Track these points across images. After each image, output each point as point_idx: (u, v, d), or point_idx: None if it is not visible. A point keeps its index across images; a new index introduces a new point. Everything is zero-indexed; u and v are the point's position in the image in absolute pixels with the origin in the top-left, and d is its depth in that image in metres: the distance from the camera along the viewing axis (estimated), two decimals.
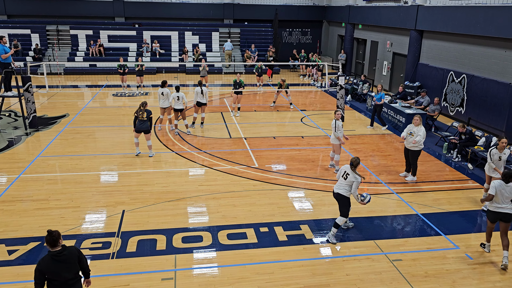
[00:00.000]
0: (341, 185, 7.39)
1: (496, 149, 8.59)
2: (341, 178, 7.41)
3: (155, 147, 12.16)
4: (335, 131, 10.27)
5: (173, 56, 26.18)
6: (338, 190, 7.41)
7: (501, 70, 13.85)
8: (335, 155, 10.62)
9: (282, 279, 6.40)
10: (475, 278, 6.57)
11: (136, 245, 7.25)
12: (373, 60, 23.32)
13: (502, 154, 8.57)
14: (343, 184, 7.37)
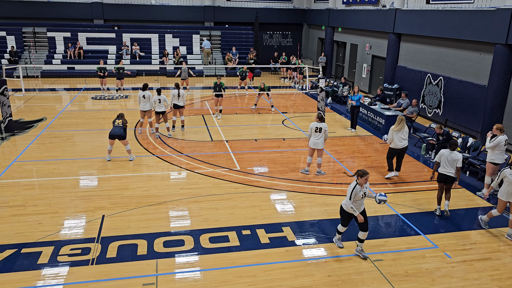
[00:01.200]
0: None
1: (510, 169, 7.81)
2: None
3: (136, 150, 12.02)
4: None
5: (154, 59, 25.97)
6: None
7: (476, 72, 14.19)
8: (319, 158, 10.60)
9: (265, 282, 6.40)
10: (453, 276, 6.69)
11: (117, 250, 7.14)
12: (352, 62, 23.61)
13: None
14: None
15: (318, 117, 10.33)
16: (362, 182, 6.78)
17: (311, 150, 10.43)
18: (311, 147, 10.36)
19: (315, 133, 10.23)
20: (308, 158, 10.60)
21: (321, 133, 10.20)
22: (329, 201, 9.22)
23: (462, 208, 9.13)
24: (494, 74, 13.04)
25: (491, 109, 13.18)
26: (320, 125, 10.21)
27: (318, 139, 10.23)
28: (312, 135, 10.27)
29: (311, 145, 10.31)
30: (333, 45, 25.91)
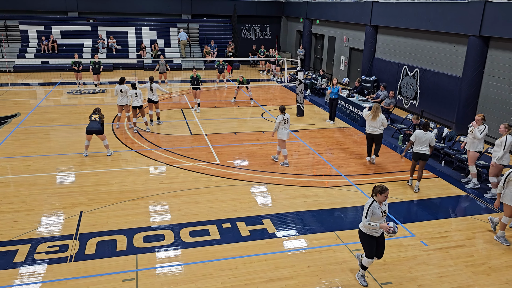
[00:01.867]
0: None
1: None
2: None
3: (113, 145, 11.85)
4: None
5: (130, 52, 25.57)
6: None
7: (451, 64, 14.48)
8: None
9: (245, 274, 6.43)
10: (430, 263, 6.86)
11: (95, 246, 7.06)
12: (331, 55, 23.76)
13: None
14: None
15: (281, 109, 10.47)
16: (381, 200, 5.92)
17: (283, 141, 10.53)
18: (283, 139, 10.46)
19: (284, 124, 10.39)
20: (284, 150, 10.66)
21: (288, 124, 10.41)
22: (309, 192, 9.30)
23: (438, 197, 9.34)
24: (468, 65, 13.32)
25: (465, 100, 13.48)
26: (286, 116, 10.39)
27: (288, 129, 10.43)
28: (281, 127, 10.37)
29: (284, 137, 10.42)
30: (311, 38, 26.00)
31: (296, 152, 11.87)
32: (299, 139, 13.02)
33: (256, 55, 25.87)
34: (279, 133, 10.44)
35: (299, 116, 15.63)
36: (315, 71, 24.25)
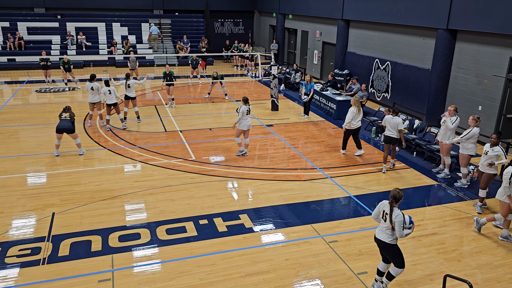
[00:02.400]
0: (382, 229, 5.75)
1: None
2: (381, 220, 5.78)
3: (86, 144, 11.60)
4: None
5: (101, 49, 25.01)
6: (379, 236, 5.79)
7: (421, 56, 14.80)
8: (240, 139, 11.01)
9: (224, 270, 6.44)
10: (404, 252, 6.98)
11: (69, 248, 6.91)
12: (304, 49, 23.89)
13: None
14: (384, 228, 5.71)
15: (244, 100, 10.63)
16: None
17: (241, 131, 10.74)
18: (243, 129, 10.66)
19: (246, 115, 10.56)
20: (238, 139, 10.90)
21: (249, 115, 10.69)
22: (285, 186, 9.36)
23: (410, 187, 9.57)
24: (437, 58, 13.65)
25: (435, 91, 13.82)
26: (249, 108, 10.64)
27: (249, 120, 10.66)
28: (244, 118, 10.53)
29: (244, 127, 10.61)
30: (284, 32, 26.07)
31: (272, 146, 11.92)
32: (274, 133, 13.07)
33: (229, 50, 25.75)
34: (241, 124, 10.60)
35: (273, 110, 15.68)
36: (289, 65, 24.35)
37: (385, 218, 5.64)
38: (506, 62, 11.54)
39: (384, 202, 5.78)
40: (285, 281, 6.22)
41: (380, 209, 5.77)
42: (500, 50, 11.71)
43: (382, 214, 5.70)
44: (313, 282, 6.20)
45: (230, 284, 6.12)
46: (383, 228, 5.69)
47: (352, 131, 11.04)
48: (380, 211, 5.76)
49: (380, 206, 5.79)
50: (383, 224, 5.69)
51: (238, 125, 10.58)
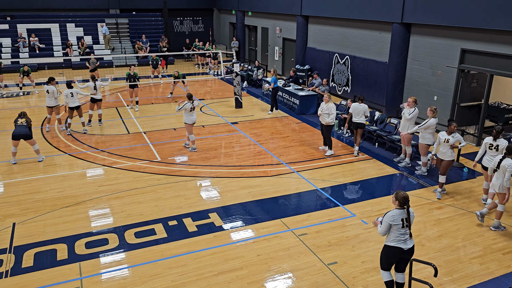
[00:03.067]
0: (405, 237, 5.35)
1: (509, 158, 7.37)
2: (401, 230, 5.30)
3: (45, 150, 11.19)
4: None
5: (56, 51, 24.12)
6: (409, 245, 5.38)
7: (378, 50, 15.23)
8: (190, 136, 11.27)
9: (195, 269, 6.40)
10: (371, 240, 7.24)
11: (33, 258, 6.66)
12: (265, 46, 24.01)
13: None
14: (406, 235, 5.35)
15: (188, 97, 10.90)
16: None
17: (191, 126, 11.07)
18: (189, 123, 10.98)
19: (190, 111, 10.87)
20: (191, 136, 11.18)
21: (194, 111, 11.03)
22: (253, 183, 9.41)
23: (374, 177, 9.86)
24: (393, 51, 14.09)
25: (392, 84, 14.27)
26: (195, 104, 11.03)
27: (193, 115, 11.00)
28: (188, 114, 10.87)
29: (189, 121, 10.94)
30: (244, 30, 26.09)
31: (237, 144, 11.94)
32: (240, 130, 13.09)
33: (190, 49, 25.50)
34: (186, 118, 10.92)
35: (237, 108, 15.69)
36: (251, 62, 24.40)
37: (407, 224, 5.29)
38: (458, 53, 12.07)
39: (392, 215, 5.28)
40: (258, 276, 6.27)
41: (394, 221, 5.25)
42: (452, 42, 12.24)
43: (402, 224, 5.25)
44: (285, 276, 6.28)
45: (203, 283, 6.10)
46: (405, 235, 5.31)
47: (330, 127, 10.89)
48: (396, 222, 5.24)
49: (392, 218, 5.25)
50: (403, 231, 5.28)
51: (185, 120, 10.95)
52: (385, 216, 5.33)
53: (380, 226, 5.40)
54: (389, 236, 5.37)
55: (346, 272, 6.37)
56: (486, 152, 8.32)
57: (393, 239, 5.32)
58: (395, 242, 5.31)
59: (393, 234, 5.31)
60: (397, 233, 5.28)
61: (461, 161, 10.71)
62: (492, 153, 8.14)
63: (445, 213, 8.20)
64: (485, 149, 8.31)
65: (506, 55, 10.77)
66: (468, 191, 9.17)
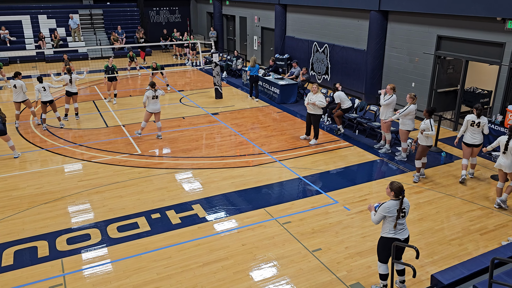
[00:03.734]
0: (403, 226, 5.39)
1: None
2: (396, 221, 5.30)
3: (20, 146, 10.90)
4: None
5: (28, 44, 23.41)
6: (406, 234, 5.44)
7: (356, 38, 15.31)
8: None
9: (180, 261, 6.38)
10: (354, 226, 7.34)
11: (13, 257, 6.51)
12: (243, 35, 23.85)
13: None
14: (404, 224, 5.41)
15: (151, 85, 10.98)
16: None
17: (149, 115, 11.24)
18: (150, 112, 11.16)
19: (153, 99, 11.02)
20: (143, 123, 11.35)
21: (158, 99, 11.15)
22: (235, 173, 9.39)
23: (355, 164, 9.97)
24: (371, 39, 14.19)
25: (371, 71, 14.40)
26: (158, 93, 11.06)
27: (157, 104, 11.13)
28: (151, 103, 11.05)
29: (151, 110, 11.13)
30: (222, 19, 25.83)
31: (219, 134, 11.88)
32: (220, 121, 13.02)
33: (168, 40, 25.13)
34: (149, 107, 11.07)
35: (217, 98, 15.59)
36: (230, 52, 24.23)
37: (403, 214, 5.30)
38: (434, 40, 12.24)
39: (388, 206, 5.26)
40: (243, 265, 6.29)
41: (389, 213, 5.25)
42: (428, 28, 12.39)
43: (398, 215, 5.24)
44: (270, 264, 6.32)
45: (189, 275, 6.09)
46: (401, 226, 5.33)
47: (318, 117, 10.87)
48: (391, 214, 5.25)
49: (387, 210, 5.26)
50: (399, 221, 5.28)
51: (146, 108, 11.09)
52: (380, 207, 5.34)
53: (374, 215, 5.40)
54: (385, 228, 5.38)
55: (330, 258, 6.45)
56: (467, 129, 8.73)
57: (389, 231, 5.33)
58: (391, 233, 5.33)
59: (388, 225, 5.32)
60: (392, 224, 5.28)
61: (439, 146, 10.93)
62: (473, 130, 8.65)
63: (425, 197, 8.37)
64: (467, 126, 8.71)
65: (481, 41, 10.98)
66: (446, 174, 9.37)
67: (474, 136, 8.66)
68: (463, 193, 8.52)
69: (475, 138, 8.68)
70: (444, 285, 5.40)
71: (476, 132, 8.65)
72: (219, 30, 25.75)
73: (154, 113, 11.21)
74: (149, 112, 11.15)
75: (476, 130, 8.64)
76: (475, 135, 8.66)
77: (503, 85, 10.61)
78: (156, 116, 11.31)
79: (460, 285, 5.45)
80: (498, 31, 10.50)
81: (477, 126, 8.61)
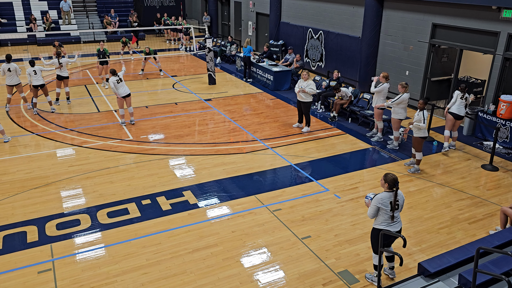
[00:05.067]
0: (396, 219, 5.40)
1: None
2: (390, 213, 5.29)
3: (10, 130, 10.80)
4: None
5: (19, 26, 23.02)
6: (399, 227, 5.43)
7: (351, 25, 15.20)
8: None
9: (170, 248, 6.39)
10: (344, 214, 7.38)
11: (2, 241, 6.49)
12: (238, 21, 23.60)
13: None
14: (398, 218, 5.45)
15: (112, 72, 10.93)
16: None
17: (121, 100, 11.06)
18: (121, 98, 10.98)
19: (118, 84, 10.85)
20: (121, 110, 11.21)
21: (123, 82, 10.96)
22: (227, 160, 9.38)
23: (347, 152, 9.98)
24: (366, 26, 14.08)
25: (366, 59, 14.32)
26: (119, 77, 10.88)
27: (124, 87, 10.97)
28: (120, 87, 10.86)
29: (120, 95, 10.93)
30: (217, 4, 25.51)
31: (212, 121, 11.82)
32: (213, 107, 12.95)
33: (161, 24, 24.81)
34: (118, 93, 10.90)
35: (211, 84, 15.48)
36: (224, 38, 23.99)
37: (397, 206, 5.28)
38: (429, 28, 12.17)
39: (381, 198, 5.25)
40: (233, 252, 6.31)
41: (383, 205, 5.23)
42: (424, 16, 12.31)
43: (391, 207, 5.22)
44: (260, 251, 6.35)
45: (178, 261, 6.11)
46: (397, 218, 5.36)
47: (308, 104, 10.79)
48: (385, 207, 5.23)
49: (380, 201, 5.23)
50: (392, 214, 5.25)
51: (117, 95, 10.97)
52: (373, 199, 5.33)
53: (369, 208, 5.38)
54: (378, 219, 5.37)
55: (319, 245, 6.49)
56: (457, 102, 9.74)
57: (382, 222, 5.33)
58: (383, 225, 5.32)
59: (382, 217, 5.32)
60: (386, 216, 5.28)
61: (431, 135, 10.96)
62: (461, 102, 9.72)
63: (415, 185, 8.42)
64: (456, 98, 9.73)
65: (475, 29, 10.93)
66: (437, 164, 9.42)
67: (460, 108, 9.68)
68: (453, 182, 8.57)
69: (461, 110, 9.69)
70: (430, 273, 5.47)
71: (463, 105, 9.71)
72: (214, 15, 25.45)
73: (125, 97, 11.01)
74: (120, 97, 10.96)
75: (463, 103, 9.69)
76: (461, 107, 9.69)
77: (497, 74, 10.61)
78: (127, 100, 11.12)
79: (446, 273, 5.52)
80: (493, 20, 10.45)
81: (465, 99, 9.66)
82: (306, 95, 10.63)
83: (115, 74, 10.89)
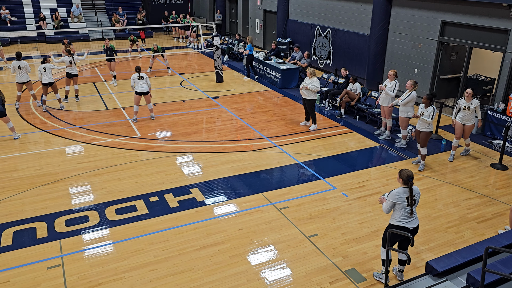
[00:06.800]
0: (414, 215, 5.34)
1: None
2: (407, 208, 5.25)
3: (20, 127, 10.91)
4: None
5: (29, 24, 23.23)
6: (416, 224, 5.38)
7: (359, 22, 15.12)
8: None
9: (178, 244, 6.43)
10: (351, 212, 7.36)
11: (12, 237, 6.57)
12: (246, 18, 23.58)
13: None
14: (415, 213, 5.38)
15: (136, 69, 11.15)
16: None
17: (138, 98, 11.22)
18: (138, 94, 11.15)
19: (138, 80, 11.04)
20: (135, 107, 11.29)
21: (144, 80, 11.14)
22: (234, 158, 9.39)
23: (354, 150, 9.95)
24: (374, 23, 14.00)
25: (374, 56, 14.24)
26: (142, 74, 11.13)
27: (143, 85, 11.10)
28: (138, 84, 11.06)
29: (139, 91, 11.10)
30: (225, 1, 25.51)
31: (219, 118, 11.84)
32: (221, 105, 12.97)
33: (168, 22, 24.86)
34: (136, 89, 11.09)
35: (218, 82, 15.50)
36: (231, 35, 24.00)
37: (413, 201, 5.24)
38: (438, 25, 12.07)
39: (396, 193, 5.24)
40: (240, 250, 6.33)
41: (399, 200, 5.22)
42: (433, 14, 12.21)
43: (408, 202, 5.20)
44: (267, 249, 6.36)
45: (185, 258, 6.14)
46: (414, 214, 5.31)
47: (304, 100, 10.85)
48: (400, 201, 5.21)
49: (396, 197, 5.23)
50: (409, 209, 5.23)
51: (134, 90, 11.16)
52: (389, 194, 5.32)
53: (385, 204, 5.37)
54: (395, 215, 5.35)
55: (326, 243, 6.49)
56: (460, 111, 9.17)
57: (399, 218, 5.30)
58: (400, 221, 5.29)
59: (398, 213, 5.28)
60: (403, 212, 5.26)
61: (440, 133, 10.88)
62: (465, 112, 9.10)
63: (424, 184, 8.37)
64: (459, 108, 9.17)
65: (485, 27, 10.83)
66: (446, 162, 9.35)
67: (465, 117, 9.07)
68: (462, 181, 8.51)
69: (465, 118, 9.10)
70: (438, 272, 5.44)
71: (468, 113, 9.04)
72: (221, 13, 25.45)
73: (144, 94, 11.15)
74: (137, 94, 11.12)
75: (467, 112, 9.03)
76: (465, 115, 9.07)
77: (507, 72, 10.50)
78: (146, 98, 11.28)
79: (454, 272, 5.48)
80: (503, 17, 10.34)
81: (467, 109, 8.99)
82: (308, 92, 10.61)
83: (138, 71, 11.11)
